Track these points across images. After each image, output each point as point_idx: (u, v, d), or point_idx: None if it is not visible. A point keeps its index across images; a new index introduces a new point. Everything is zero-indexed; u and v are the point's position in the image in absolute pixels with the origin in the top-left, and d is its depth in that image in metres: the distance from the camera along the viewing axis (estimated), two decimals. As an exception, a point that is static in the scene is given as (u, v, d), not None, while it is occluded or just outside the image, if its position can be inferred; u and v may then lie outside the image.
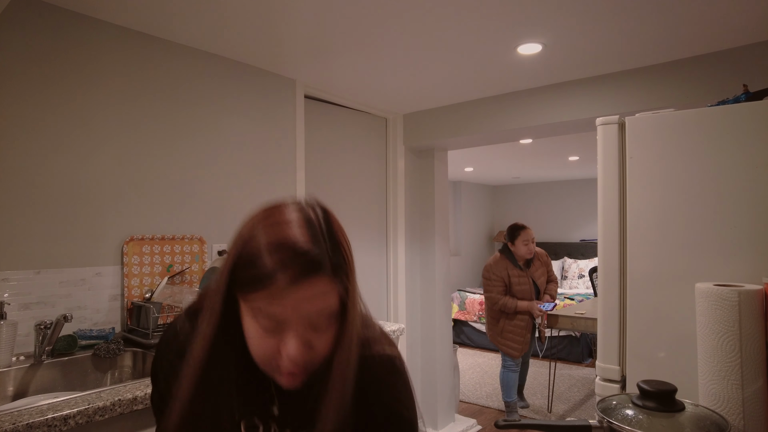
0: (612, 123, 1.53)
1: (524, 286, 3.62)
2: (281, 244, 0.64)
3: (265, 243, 0.65)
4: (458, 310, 6.19)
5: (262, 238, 0.65)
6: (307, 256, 0.64)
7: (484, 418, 3.78)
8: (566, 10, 1.87)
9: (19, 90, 1.70)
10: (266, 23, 1.97)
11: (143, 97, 2.03)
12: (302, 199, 0.73)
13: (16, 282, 1.67)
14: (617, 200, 1.51)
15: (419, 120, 3.34)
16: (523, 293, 3.61)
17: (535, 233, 7.84)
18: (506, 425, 1.06)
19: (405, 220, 3.44)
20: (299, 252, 0.64)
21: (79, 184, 1.84)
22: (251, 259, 0.65)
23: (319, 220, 0.68)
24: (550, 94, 2.75)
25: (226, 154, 2.32)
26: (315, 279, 0.64)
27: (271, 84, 2.54)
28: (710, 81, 2.25)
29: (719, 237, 1.34)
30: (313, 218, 0.68)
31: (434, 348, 3.41)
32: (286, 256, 0.63)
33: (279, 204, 0.71)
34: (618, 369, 1.49)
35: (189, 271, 2.14)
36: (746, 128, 1.33)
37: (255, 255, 0.65)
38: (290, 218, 0.67)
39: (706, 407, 1.01)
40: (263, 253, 0.64)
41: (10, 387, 1.53)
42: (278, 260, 0.63)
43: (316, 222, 0.68)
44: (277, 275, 0.62)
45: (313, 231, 0.66)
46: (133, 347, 1.77)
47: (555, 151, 5.09)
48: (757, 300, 1.13)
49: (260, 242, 0.65)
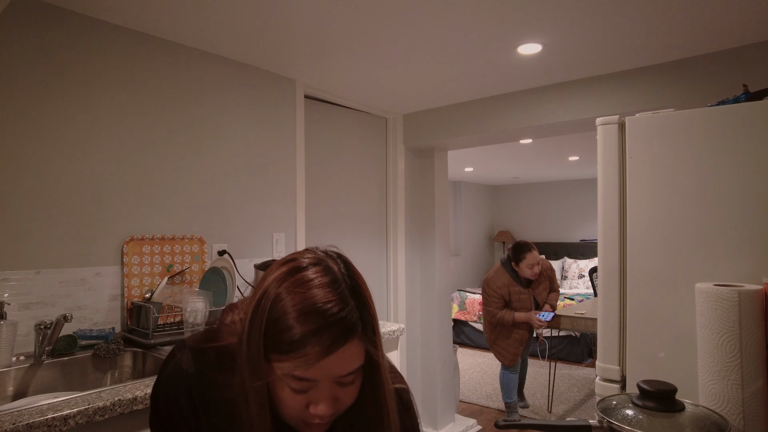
0: (612, 123, 1.53)
1: (524, 302, 3.59)
2: (311, 311, 0.63)
3: (294, 309, 0.64)
4: (458, 310, 6.19)
5: (290, 302, 0.64)
6: (338, 325, 0.63)
7: (484, 418, 3.78)
8: (566, 10, 1.87)
9: (19, 90, 1.70)
10: (266, 23, 1.97)
11: (143, 97, 2.03)
12: (321, 250, 0.72)
13: (16, 282, 1.67)
14: (617, 200, 1.51)
15: (419, 120, 3.34)
16: (522, 307, 3.59)
17: (535, 233, 7.85)
18: (506, 425, 1.06)
19: (405, 220, 3.44)
20: (330, 320, 0.63)
21: (79, 184, 1.84)
22: (281, 327, 0.64)
23: (344, 276, 0.68)
24: (550, 94, 2.75)
25: (226, 153, 2.32)
26: (348, 344, 0.64)
27: (271, 84, 2.54)
28: (710, 81, 2.25)
29: (719, 237, 1.34)
30: (338, 276, 0.67)
31: (434, 348, 3.41)
32: (318, 325, 0.63)
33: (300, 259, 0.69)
34: (618, 369, 1.49)
35: (189, 271, 2.14)
36: (746, 128, 1.32)
37: (285, 322, 0.64)
38: (316, 279, 0.66)
39: (706, 407, 1.01)
40: (294, 321, 0.63)
41: (10, 387, 1.53)
42: (309, 330, 0.62)
43: (341, 280, 0.67)
44: (311, 345, 0.62)
45: (340, 292, 0.66)
46: (133, 347, 1.77)
47: (555, 151, 5.09)
48: (757, 300, 1.13)
49: (288, 307, 0.64)
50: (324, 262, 0.69)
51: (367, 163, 3.25)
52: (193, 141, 2.19)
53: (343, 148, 3.07)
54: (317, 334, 0.62)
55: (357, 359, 0.66)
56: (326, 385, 0.66)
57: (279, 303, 0.65)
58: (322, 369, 0.63)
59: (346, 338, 0.64)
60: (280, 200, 2.57)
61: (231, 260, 2.21)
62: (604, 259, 1.53)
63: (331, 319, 0.63)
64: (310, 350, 0.62)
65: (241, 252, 2.36)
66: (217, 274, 2.07)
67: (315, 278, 0.66)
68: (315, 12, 1.88)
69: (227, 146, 2.33)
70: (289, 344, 0.63)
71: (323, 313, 0.63)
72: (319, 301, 0.64)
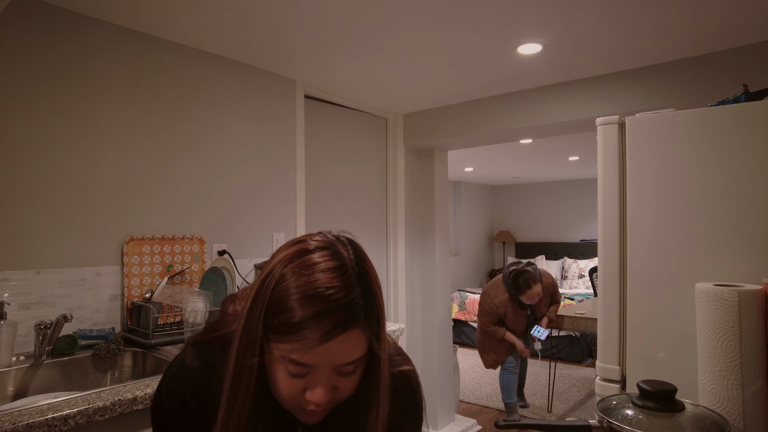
0: (612, 123, 1.53)
1: (519, 322, 3.61)
2: (314, 294, 0.62)
3: (297, 291, 0.62)
4: (458, 310, 6.19)
5: (293, 283, 0.63)
6: (341, 311, 0.62)
7: (484, 418, 3.77)
8: (566, 10, 1.87)
9: (19, 90, 1.70)
10: (266, 24, 1.97)
11: (143, 96, 2.03)
12: (333, 234, 0.70)
13: (16, 282, 1.67)
14: (617, 200, 1.51)
15: (419, 120, 3.34)
16: (516, 326, 3.61)
17: (535, 233, 7.85)
18: (506, 425, 1.06)
19: (405, 220, 3.44)
20: (332, 306, 0.62)
21: (79, 184, 1.84)
22: (282, 307, 0.63)
23: (352, 263, 0.66)
24: (550, 94, 2.75)
25: (226, 153, 2.32)
26: (349, 332, 0.63)
27: (271, 84, 2.54)
28: (710, 81, 2.25)
29: (719, 237, 1.34)
30: (346, 262, 0.66)
31: (434, 348, 3.41)
32: (320, 310, 0.61)
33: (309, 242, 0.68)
34: (618, 369, 1.49)
35: (189, 271, 2.14)
36: (746, 128, 1.32)
37: (286, 303, 0.62)
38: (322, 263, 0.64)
39: (706, 407, 1.01)
40: (295, 303, 0.62)
41: (10, 387, 1.53)
42: (311, 313, 0.61)
43: (349, 265, 0.65)
44: (310, 329, 0.61)
45: (346, 278, 0.64)
46: (133, 347, 1.77)
47: (555, 151, 5.09)
48: (757, 300, 1.13)
49: (291, 289, 0.63)
50: (333, 246, 0.67)
51: (367, 163, 3.25)
52: (193, 141, 2.19)
53: (343, 148, 3.07)
54: (317, 318, 0.61)
55: (358, 349, 0.65)
56: (324, 372, 0.64)
57: (282, 283, 0.64)
58: (321, 355, 0.62)
59: (348, 326, 0.62)
60: (280, 200, 2.57)
61: (231, 260, 2.21)
62: (604, 259, 1.53)
63: (333, 304, 0.61)
64: (309, 334, 0.61)
65: (241, 252, 2.36)
66: (217, 274, 2.07)
67: (321, 261, 0.64)
68: (315, 12, 1.87)
69: (227, 146, 2.33)
70: (289, 326, 0.61)
71: (326, 297, 0.62)
72: (322, 285, 0.62)
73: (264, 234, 2.48)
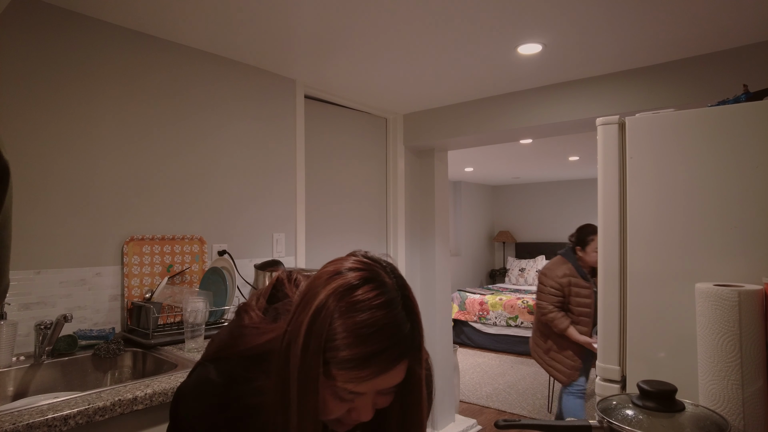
0: (612, 123, 1.53)
1: (586, 302, 2.88)
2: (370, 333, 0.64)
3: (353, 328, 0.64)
4: (458, 310, 6.19)
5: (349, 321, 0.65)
6: (397, 347, 0.65)
7: (484, 418, 3.77)
8: (566, 10, 1.87)
9: (19, 90, 1.70)
10: (266, 23, 1.97)
11: (143, 96, 2.03)
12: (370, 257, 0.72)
13: (16, 282, 1.67)
14: (617, 200, 1.51)
15: (419, 120, 3.34)
16: (583, 312, 2.86)
17: (535, 233, 7.86)
18: (506, 425, 1.06)
19: (405, 220, 3.43)
20: (390, 343, 0.65)
21: (80, 184, 1.84)
22: (339, 344, 0.65)
23: (399, 295, 0.68)
24: (550, 94, 2.75)
25: (226, 153, 2.32)
26: (402, 363, 0.67)
27: (271, 84, 2.54)
28: (710, 81, 2.25)
29: (719, 237, 1.34)
30: (395, 296, 0.68)
31: (434, 348, 3.41)
32: (377, 348, 0.64)
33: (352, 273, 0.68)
34: (618, 369, 1.49)
35: (189, 271, 2.14)
36: (746, 128, 1.32)
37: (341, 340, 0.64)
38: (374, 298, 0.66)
39: (706, 407, 1.01)
40: (352, 340, 0.64)
41: (10, 387, 1.53)
42: (368, 352, 0.64)
43: (397, 300, 0.68)
44: (367, 364, 0.64)
45: (397, 313, 0.67)
46: (134, 347, 1.77)
47: (555, 151, 5.09)
48: (757, 300, 1.13)
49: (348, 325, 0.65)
50: (379, 277, 0.69)
51: (367, 163, 3.25)
52: (193, 141, 2.19)
53: (343, 148, 3.07)
54: (375, 355, 0.64)
55: (403, 374, 0.69)
56: (371, 395, 0.69)
57: (337, 321, 0.65)
58: (373, 385, 0.66)
59: (401, 359, 0.66)
60: (280, 200, 2.57)
61: (231, 260, 2.21)
62: (604, 259, 1.53)
63: (390, 341, 0.65)
64: (366, 370, 0.64)
65: (241, 252, 2.36)
66: (217, 274, 2.07)
67: (372, 297, 0.66)
68: (315, 12, 1.87)
69: (227, 146, 2.33)
70: (346, 362, 0.64)
71: (382, 335, 0.65)
72: (379, 323, 0.65)
73: (264, 234, 2.48)
